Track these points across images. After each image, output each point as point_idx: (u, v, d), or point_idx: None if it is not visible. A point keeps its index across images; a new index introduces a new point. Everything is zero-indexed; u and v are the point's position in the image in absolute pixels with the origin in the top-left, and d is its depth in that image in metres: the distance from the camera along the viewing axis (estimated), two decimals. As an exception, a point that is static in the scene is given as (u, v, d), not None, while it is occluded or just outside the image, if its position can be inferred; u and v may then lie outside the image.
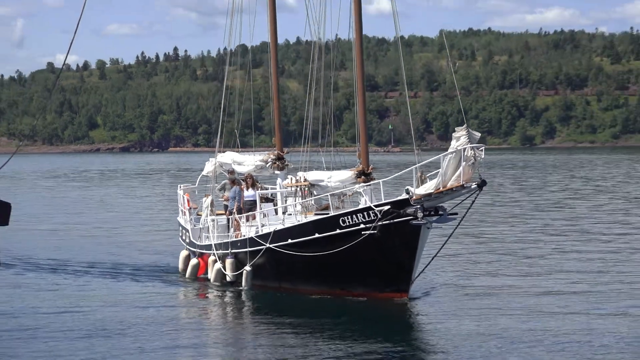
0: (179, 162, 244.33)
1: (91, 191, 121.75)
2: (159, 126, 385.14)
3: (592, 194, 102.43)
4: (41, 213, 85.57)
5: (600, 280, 42.88)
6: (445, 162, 35.40)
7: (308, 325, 35.04)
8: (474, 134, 35.22)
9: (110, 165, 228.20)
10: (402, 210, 36.54)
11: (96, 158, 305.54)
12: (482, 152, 35.12)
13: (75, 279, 46.36)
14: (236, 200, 43.17)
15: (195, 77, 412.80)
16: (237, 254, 42.15)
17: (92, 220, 77.36)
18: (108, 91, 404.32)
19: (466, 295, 39.52)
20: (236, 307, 40.05)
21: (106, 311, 37.49)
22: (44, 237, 65.08)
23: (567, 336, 31.92)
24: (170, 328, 34.78)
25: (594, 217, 73.51)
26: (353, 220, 37.68)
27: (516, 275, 44.73)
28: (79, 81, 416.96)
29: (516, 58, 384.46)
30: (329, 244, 38.38)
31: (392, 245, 37.22)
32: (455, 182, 35.21)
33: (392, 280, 38.03)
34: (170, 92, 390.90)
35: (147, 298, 41.00)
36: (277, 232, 40.12)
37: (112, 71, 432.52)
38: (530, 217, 73.51)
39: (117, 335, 33.03)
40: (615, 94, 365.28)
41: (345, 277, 39.00)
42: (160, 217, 79.29)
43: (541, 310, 36.31)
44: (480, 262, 48.61)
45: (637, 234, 61.67)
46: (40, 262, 51.48)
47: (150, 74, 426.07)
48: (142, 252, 55.30)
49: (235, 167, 45.83)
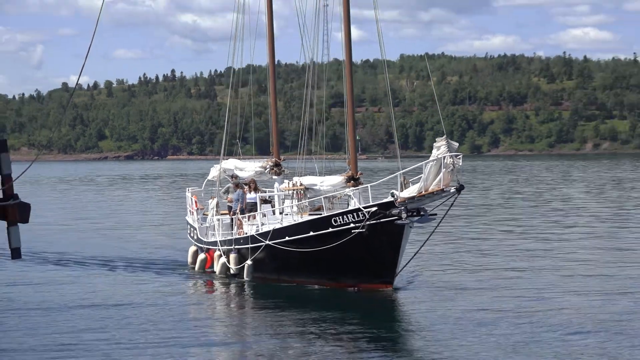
0: (176, 168, 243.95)
1: (103, 194, 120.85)
2: (159, 137, 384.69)
3: (534, 194, 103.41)
4: (58, 212, 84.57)
5: (545, 262, 44.55)
6: (427, 168, 34.73)
7: (304, 312, 34.43)
8: (453, 144, 34.48)
9: (116, 170, 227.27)
10: (388, 211, 35.84)
11: (104, 165, 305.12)
12: (460, 159, 34.35)
13: (96, 271, 45.48)
14: (240, 202, 42.41)
15: (190, 95, 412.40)
16: (240, 249, 41.36)
17: (105, 220, 76.24)
18: (114, 107, 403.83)
19: (443, 285, 38.89)
20: (239, 296, 39.37)
21: (125, 300, 36.98)
22: (61, 234, 63.82)
23: (533, 314, 32.00)
24: (182, 312, 34.77)
25: (538, 214, 74.31)
26: (344, 220, 37.03)
27: (482, 266, 44.28)
28: (90, 99, 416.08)
29: (466, 78, 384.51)
30: (322, 241, 37.69)
31: (379, 242, 36.53)
32: (436, 187, 34.50)
33: (379, 273, 37.29)
34: (168, 108, 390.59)
35: (163, 288, 40.28)
36: (276, 230, 39.37)
37: (118, 90, 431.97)
38: (492, 215, 73.00)
39: (135, 318, 33.24)
40: (550, 109, 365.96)
41: (336, 270, 38.28)
42: (169, 217, 78.29)
43: (504, 294, 36.42)
44: (454, 256, 47.91)
45: (570, 224, 61.86)
46: (59, 257, 50.28)
47: (151, 92, 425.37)
48: (154, 248, 54.16)
49: (237, 172, 45.08)
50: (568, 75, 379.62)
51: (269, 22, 46.39)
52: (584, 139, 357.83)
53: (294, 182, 42.23)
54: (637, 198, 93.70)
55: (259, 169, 45.29)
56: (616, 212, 75.28)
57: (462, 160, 34.37)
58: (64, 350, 28.33)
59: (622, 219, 69.17)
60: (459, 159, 34.30)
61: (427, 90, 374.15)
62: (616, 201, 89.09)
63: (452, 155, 34.15)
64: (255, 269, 40.63)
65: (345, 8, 40.61)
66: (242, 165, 45.92)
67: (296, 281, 39.69)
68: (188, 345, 29.01)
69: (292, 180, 42.81)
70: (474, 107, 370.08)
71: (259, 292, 39.34)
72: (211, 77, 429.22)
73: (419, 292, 37.63)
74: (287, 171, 45.43)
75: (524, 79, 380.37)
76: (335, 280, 38.57)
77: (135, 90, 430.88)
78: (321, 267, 38.47)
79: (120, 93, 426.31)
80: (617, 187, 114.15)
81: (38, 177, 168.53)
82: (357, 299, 36.88)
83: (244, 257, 41.14)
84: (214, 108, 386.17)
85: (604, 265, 44.28)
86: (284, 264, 39.80)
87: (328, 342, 29.15)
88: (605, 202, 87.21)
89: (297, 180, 42.24)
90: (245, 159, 47.62)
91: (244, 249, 41.00)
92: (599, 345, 27.94)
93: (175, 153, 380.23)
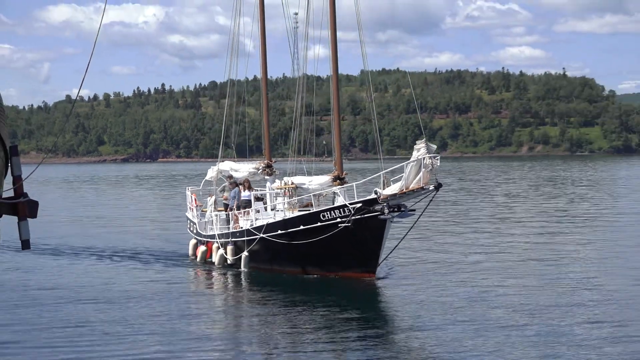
0: (167, 169, 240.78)
1: (105, 192, 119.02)
2: (151, 142, 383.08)
3: (479, 190, 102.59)
4: (63, 208, 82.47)
5: (509, 253, 42.08)
6: (407, 168, 33.36)
7: (294, 298, 33.36)
8: (431, 146, 33.15)
9: (114, 172, 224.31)
10: (372, 207, 34.52)
11: (103, 167, 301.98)
12: (438, 160, 33.02)
13: (104, 261, 43.89)
14: (236, 199, 41.07)
15: (178, 106, 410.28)
16: (236, 242, 39.92)
17: (109, 215, 74.49)
18: (112, 116, 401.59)
19: (421, 274, 37.60)
20: (236, 283, 37.82)
21: (132, 287, 35.75)
22: (67, 227, 62.02)
23: (507, 297, 31.07)
24: (186, 298, 33.80)
25: (487, 208, 73.26)
26: (331, 215, 35.68)
27: (458, 256, 42.98)
28: (90, 109, 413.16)
29: (418, 90, 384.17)
30: (311, 234, 36.32)
31: (363, 235, 35.15)
32: (416, 185, 33.14)
33: (363, 263, 35.92)
34: (159, 117, 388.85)
35: (168, 277, 38.95)
36: (269, 224, 37.97)
37: (115, 101, 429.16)
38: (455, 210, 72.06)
39: (144, 301, 32.25)
40: (491, 117, 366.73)
41: (324, 260, 36.87)
42: (165, 212, 76.77)
43: (476, 283, 35.12)
44: (431, 247, 46.58)
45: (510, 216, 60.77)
46: (65, 249, 48.46)
47: (144, 103, 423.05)
48: (155, 240, 52.47)
49: (232, 173, 43.76)
50: (506, 88, 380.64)
51: (262, 41, 44.90)
52: (520, 143, 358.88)
53: (285, 181, 40.91)
54: (571, 193, 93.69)
55: (252, 169, 44.12)
56: (552, 206, 75.13)
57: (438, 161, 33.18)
58: (74, 339, 26.71)
59: (558, 212, 68.56)
60: (437, 160, 33.00)
61: (384, 101, 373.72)
62: (552, 196, 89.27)
63: (431, 156, 32.86)
64: (250, 260, 39.18)
65: (332, 25, 39.31)
66: (236, 166, 44.77)
67: (287, 270, 38.26)
68: (191, 330, 27.80)
69: (282, 180, 41.56)
70: (425, 116, 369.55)
71: (254, 281, 37.91)
72: (196, 90, 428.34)
73: (400, 280, 36.31)
74: (277, 172, 44.24)
75: (468, 91, 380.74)
76: (322, 269, 37.24)
77: (130, 101, 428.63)
78: (310, 258, 37.14)
79: (117, 104, 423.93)
80: (551, 184, 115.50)
81: (45, 178, 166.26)
82: (344, 286, 35.57)
83: (240, 249, 39.73)
84: (199, 117, 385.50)
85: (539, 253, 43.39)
86: (276, 255, 38.40)
87: (316, 324, 28.25)
88: (542, 197, 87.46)
89: (288, 180, 40.93)
90: (239, 161, 46.35)
91: (240, 241, 39.62)
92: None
93: (165, 156, 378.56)
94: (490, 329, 26.59)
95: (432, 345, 25.17)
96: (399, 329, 27.89)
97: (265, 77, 46.02)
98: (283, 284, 36.84)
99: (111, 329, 27.52)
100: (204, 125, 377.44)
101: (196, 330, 27.76)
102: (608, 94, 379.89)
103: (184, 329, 27.72)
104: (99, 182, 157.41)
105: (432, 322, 27.87)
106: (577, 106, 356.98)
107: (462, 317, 28.42)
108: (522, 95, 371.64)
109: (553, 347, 24.36)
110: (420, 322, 28.15)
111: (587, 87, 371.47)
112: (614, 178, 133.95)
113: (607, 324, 27.14)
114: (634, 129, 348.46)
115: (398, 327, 28.29)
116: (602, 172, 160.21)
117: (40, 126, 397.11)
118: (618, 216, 64.61)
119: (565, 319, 27.85)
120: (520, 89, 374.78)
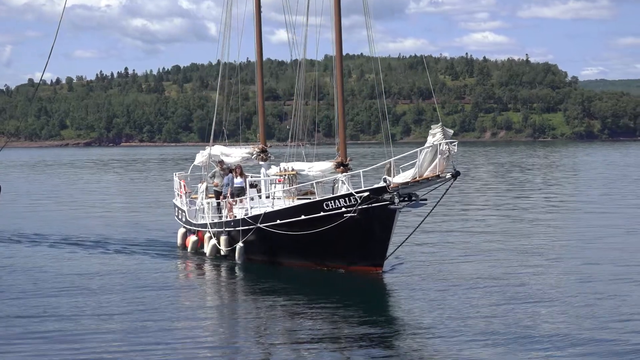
0: (130, 153, 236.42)
1: (67, 176, 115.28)
2: (114, 127, 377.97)
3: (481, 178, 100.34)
4: (27, 193, 79.07)
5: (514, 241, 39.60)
6: (422, 155, 30.89)
7: (293, 293, 31.02)
8: (448, 131, 30.71)
9: (77, 156, 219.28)
10: (380, 196, 31.92)
11: (65, 151, 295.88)
12: (455, 146, 30.52)
13: (86, 251, 41.03)
14: (229, 186, 38.30)
15: (141, 90, 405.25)
16: (230, 232, 37.13)
17: (82, 200, 71.35)
18: (75, 100, 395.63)
19: (429, 268, 34.85)
20: (231, 276, 35.27)
21: (117, 279, 33.23)
22: (28, 211, 59.22)
23: (524, 288, 28.82)
24: (180, 291, 31.73)
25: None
26: (335, 204, 32.98)
27: (470, 246, 40.65)
28: (53, 93, 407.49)
29: (381, 76, 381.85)
30: (313, 225, 33.58)
31: (370, 226, 32.55)
32: (431, 173, 30.62)
33: (369, 256, 33.30)
34: (122, 101, 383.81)
35: (157, 268, 36.32)
36: (267, 213, 35.20)
37: (78, 85, 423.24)
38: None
39: (130, 294, 30.31)
40: (454, 103, 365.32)
41: (327, 252, 34.18)
42: (146, 199, 73.80)
43: (487, 274, 32.97)
44: (440, 240, 43.23)
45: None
46: (45, 238, 45.36)
47: (107, 87, 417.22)
48: (138, 228, 49.47)
49: (224, 158, 40.89)
50: (470, 74, 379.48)
51: (257, 21, 42.23)
52: (483, 128, 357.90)
53: (285, 168, 38.08)
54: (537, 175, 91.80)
55: (245, 155, 41.19)
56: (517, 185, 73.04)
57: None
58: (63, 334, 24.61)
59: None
60: (454, 146, 30.52)
61: (347, 86, 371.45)
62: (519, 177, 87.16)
63: (448, 142, 30.38)
64: (245, 251, 36.45)
65: (336, 8, 36.78)
66: (228, 151, 41.79)
67: (286, 263, 35.64)
68: (185, 327, 25.70)
69: (280, 166, 38.78)
70: (389, 101, 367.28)
71: (249, 273, 35.37)
72: (159, 74, 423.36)
73: (407, 275, 33.57)
74: (272, 157, 41.43)
75: (432, 77, 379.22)
76: (325, 262, 34.59)
77: (93, 85, 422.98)
78: (311, 250, 34.39)
79: (80, 88, 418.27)
80: (518, 168, 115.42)
81: (7, 162, 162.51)
82: (347, 280, 33.13)
83: (234, 239, 36.96)
84: (162, 101, 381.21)
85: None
86: (274, 247, 35.67)
87: (318, 322, 26.11)
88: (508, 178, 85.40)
89: (288, 166, 38.14)
90: (230, 145, 43.49)
91: (235, 231, 36.84)
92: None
93: (128, 140, 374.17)
94: (504, 331, 24.45)
95: (440, 346, 23.12)
96: (406, 329, 25.66)
97: (261, 59, 43.28)
98: (280, 277, 34.48)
99: (92, 324, 25.71)
100: (167, 110, 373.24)
101: (188, 326, 25.80)
102: (571, 80, 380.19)
103: (175, 326, 25.70)
104: (78, 165, 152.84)
105: (442, 321, 25.72)
106: (539, 92, 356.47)
107: (475, 315, 26.36)
108: (485, 81, 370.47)
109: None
110: (429, 320, 25.95)
111: (550, 73, 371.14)
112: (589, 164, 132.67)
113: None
114: (596, 115, 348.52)
115: (405, 326, 26.02)
116: (570, 158, 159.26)
117: (2, 110, 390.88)
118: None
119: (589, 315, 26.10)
120: (483, 75, 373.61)
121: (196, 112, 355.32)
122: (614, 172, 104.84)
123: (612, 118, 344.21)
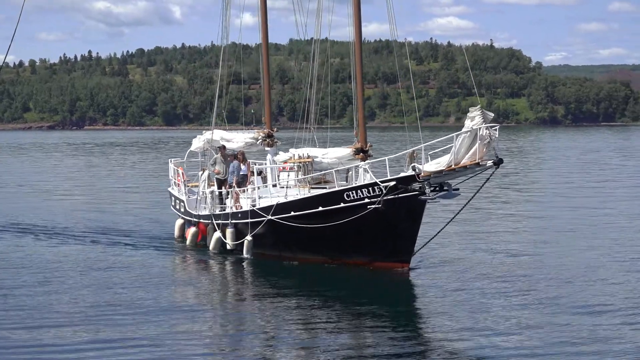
0: (94, 137, 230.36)
1: (33, 160, 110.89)
2: (77, 110, 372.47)
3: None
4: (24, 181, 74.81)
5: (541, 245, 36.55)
6: (458, 141, 27.68)
7: (308, 291, 28.05)
8: (488, 114, 27.57)
9: (40, 139, 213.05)
10: (409, 186, 28.73)
11: (28, 134, 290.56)
12: (497, 131, 27.31)
13: (73, 241, 37.73)
14: (235, 174, 34.90)
15: (105, 73, 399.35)
16: (237, 224, 33.71)
17: (63, 186, 67.55)
18: (38, 83, 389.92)
19: (462, 267, 31.35)
20: (238, 272, 32.02)
21: (112, 273, 30.66)
22: (30, 203, 54.96)
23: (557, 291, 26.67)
24: (178, 287, 29.01)
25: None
26: (357, 195, 29.73)
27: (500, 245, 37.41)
28: (16, 75, 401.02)
29: (346, 60, 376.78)
30: (332, 217, 30.27)
31: (397, 219, 29.34)
32: (469, 160, 27.43)
33: (394, 251, 30.12)
34: (86, 84, 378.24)
35: (155, 262, 33.28)
36: (280, 204, 31.82)
37: (41, 68, 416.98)
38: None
39: (128, 290, 27.86)
40: (419, 87, 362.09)
41: (347, 247, 30.92)
42: (133, 185, 70.11)
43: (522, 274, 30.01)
44: (473, 236, 38.96)
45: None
46: (32, 228, 42.03)
47: (71, 70, 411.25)
48: (129, 218, 45.84)
49: (225, 143, 37.33)
50: (434, 58, 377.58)
51: (262, 6, 38.97)
52: (447, 113, 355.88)
53: (299, 155, 34.56)
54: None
55: (249, 140, 37.55)
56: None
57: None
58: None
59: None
60: (495, 131, 27.32)
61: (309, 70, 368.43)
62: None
63: (488, 126, 27.21)
64: (254, 245, 33.12)
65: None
66: (229, 136, 38.14)
67: (300, 258, 32.26)
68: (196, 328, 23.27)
69: (292, 152, 35.32)
70: (353, 86, 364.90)
71: (259, 269, 32.11)
72: (123, 57, 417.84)
73: (437, 273, 30.36)
74: (279, 142, 38.00)
75: (397, 61, 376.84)
76: (344, 258, 31.35)
77: (56, 68, 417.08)
78: (329, 245, 31.14)
79: (43, 70, 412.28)
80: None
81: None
82: (370, 278, 30.00)
83: (241, 233, 33.61)
84: (126, 84, 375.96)
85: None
86: (287, 241, 32.28)
87: (334, 323, 23.55)
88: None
89: (302, 152, 34.65)
90: (231, 130, 40.00)
91: (242, 223, 33.46)
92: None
93: (91, 124, 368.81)
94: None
95: (468, 350, 20.75)
96: (432, 331, 23.11)
97: (266, 43, 40.12)
98: (294, 275, 31.28)
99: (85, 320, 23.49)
100: (131, 93, 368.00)
101: (195, 324, 23.57)
102: (535, 66, 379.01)
103: (179, 324, 23.43)
104: (28, 149, 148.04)
105: (471, 323, 23.20)
106: (504, 77, 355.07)
107: (504, 314, 24.06)
108: (450, 66, 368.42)
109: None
110: (458, 328, 23.04)
111: (514, 59, 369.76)
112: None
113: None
114: (559, 100, 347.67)
115: (429, 330, 23.34)
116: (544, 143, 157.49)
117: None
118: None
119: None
120: (447, 60, 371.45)
121: (160, 95, 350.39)
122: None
123: (575, 104, 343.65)
